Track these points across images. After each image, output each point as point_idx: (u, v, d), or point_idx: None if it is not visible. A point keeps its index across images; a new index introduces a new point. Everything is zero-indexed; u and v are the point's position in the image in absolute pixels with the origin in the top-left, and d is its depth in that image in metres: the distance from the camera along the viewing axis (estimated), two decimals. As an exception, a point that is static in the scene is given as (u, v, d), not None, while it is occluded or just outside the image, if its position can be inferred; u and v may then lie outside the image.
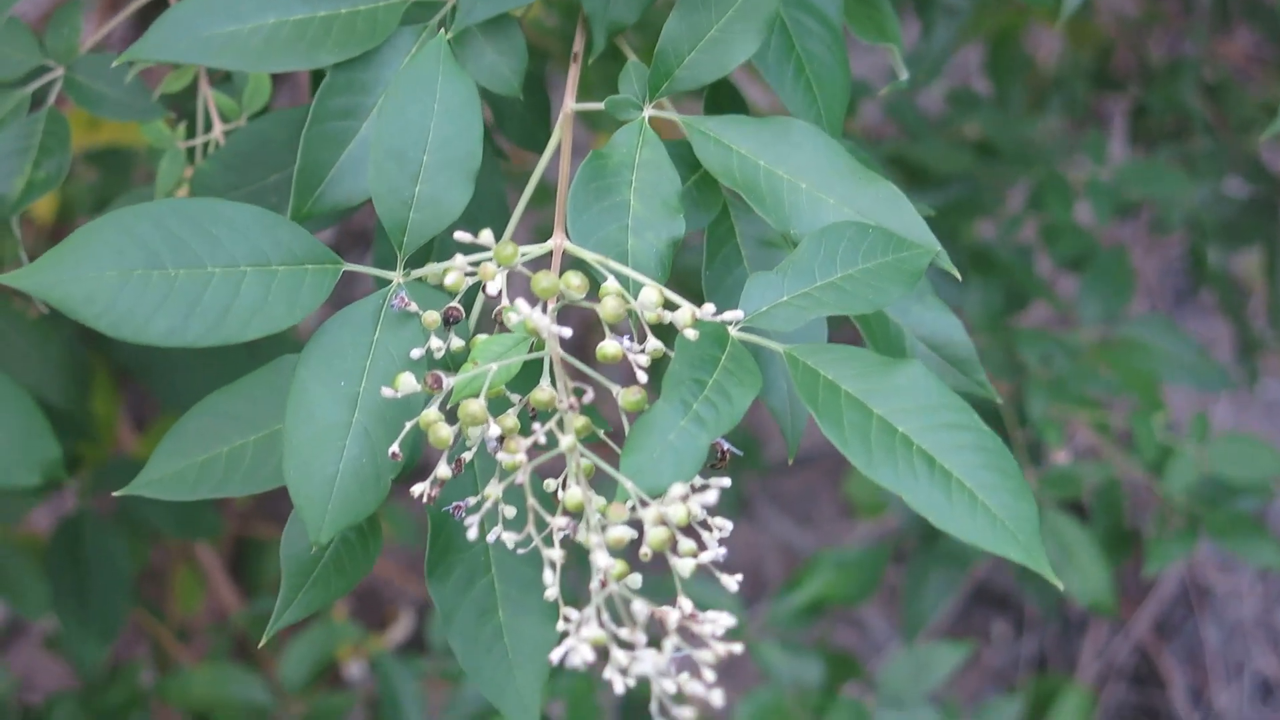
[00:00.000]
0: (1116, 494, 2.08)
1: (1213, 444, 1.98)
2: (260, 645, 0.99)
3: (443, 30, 1.02)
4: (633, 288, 0.93)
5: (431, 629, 2.20)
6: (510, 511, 0.90)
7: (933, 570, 2.13)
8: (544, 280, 0.87)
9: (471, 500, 0.90)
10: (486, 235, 0.89)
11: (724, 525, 0.86)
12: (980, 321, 2.09)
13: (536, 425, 0.85)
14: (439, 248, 1.04)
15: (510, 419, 0.86)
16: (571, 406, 0.85)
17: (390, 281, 0.94)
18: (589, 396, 0.87)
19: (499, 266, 0.90)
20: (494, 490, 0.87)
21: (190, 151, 1.24)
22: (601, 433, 0.90)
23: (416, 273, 0.94)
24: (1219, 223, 2.32)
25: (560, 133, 1.06)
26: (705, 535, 0.85)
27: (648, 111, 1.03)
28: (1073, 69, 2.44)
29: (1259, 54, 2.89)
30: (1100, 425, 2.08)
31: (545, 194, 1.17)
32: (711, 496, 0.82)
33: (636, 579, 0.83)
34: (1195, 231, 2.34)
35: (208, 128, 1.25)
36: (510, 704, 0.96)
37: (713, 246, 1.07)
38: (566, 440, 0.84)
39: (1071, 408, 2.04)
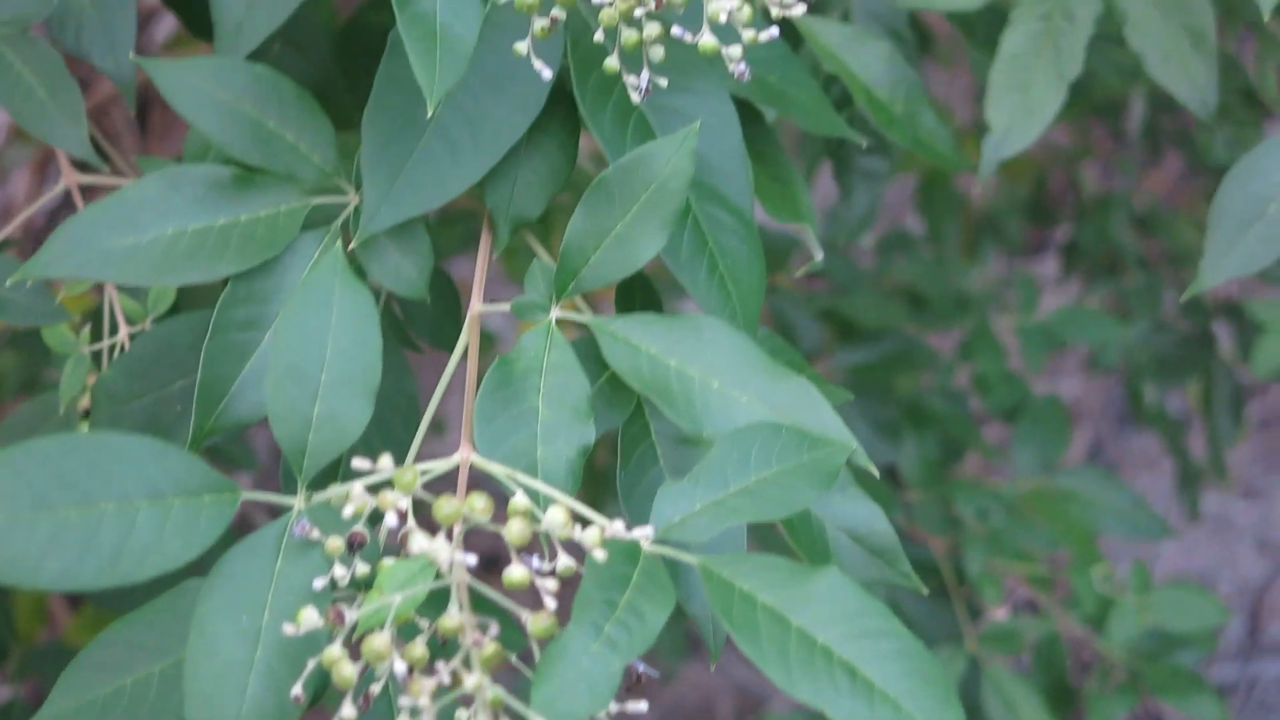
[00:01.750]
0: (1057, 649, 2.07)
1: (1154, 593, 1.98)
2: None
3: (340, 243, 1.00)
4: (543, 501, 0.91)
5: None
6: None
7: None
8: (446, 506, 0.85)
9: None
10: (385, 462, 0.87)
11: (643, 747, 0.84)
12: (916, 476, 2.09)
13: (440, 664, 0.83)
14: (345, 465, 1.01)
15: (419, 647, 0.84)
16: (476, 643, 0.83)
17: (291, 508, 0.92)
18: (494, 631, 0.84)
19: (400, 493, 0.87)
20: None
21: (95, 354, 1.22)
22: (513, 658, 0.88)
23: (319, 496, 0.92)
24: (1155, 359, 2.33)
25: (467, 334, 1.05)
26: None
27: (554, 313, 1.02)
28: (1007, 202, 2.46)
29: (1184, 182, 2.92)
30: (1039, 580, 2.07)
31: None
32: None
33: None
34: (1131, 369, 2.35)
35: (114, 330, 1.23)
36: None
37: (627, 446, 1.05)
38: (471, 680, 0.81)
39: (1009, 562, 2.03)
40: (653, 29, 0.99)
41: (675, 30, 0.99)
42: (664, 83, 1.02)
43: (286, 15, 1.23)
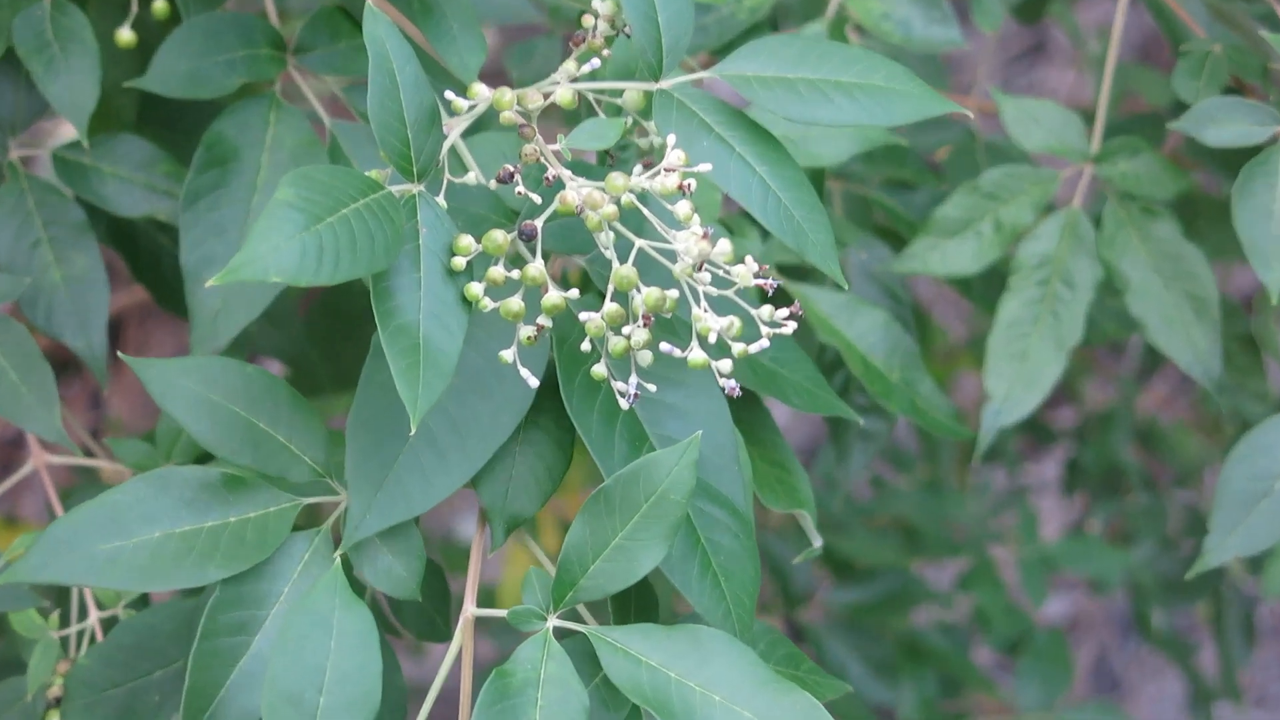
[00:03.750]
0: None
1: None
2: None
3: (339, 562, 1.04)
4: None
5: None
6: None
7: None
8: None
9: None
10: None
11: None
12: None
13: None
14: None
15: None
16: None
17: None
18: None
19: None
20: None
21: (64, 641, 1.25)
22: None
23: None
24: (1162, 581, 2.35)
25: (460, 638, 1.08)
26: None
27: (552, 622, 1.05)
28: (1005, 421, 2.48)
29: (1181, 392, 2.96)
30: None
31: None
32: None
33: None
34: (1137, 591, 2.37)
35: (83, 614, 1.25)
36: None
37: (627, 749, 1.08)
38: None
39: (1014, 811, 2.04)
40: (640, 336, 1.04)
41: (664, 346, 1.04)
42: (653, 388, 1.07)
43: (265, 305, 1.27)
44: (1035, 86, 3.14)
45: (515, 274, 1.05)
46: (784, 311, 1.03)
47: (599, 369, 1.07)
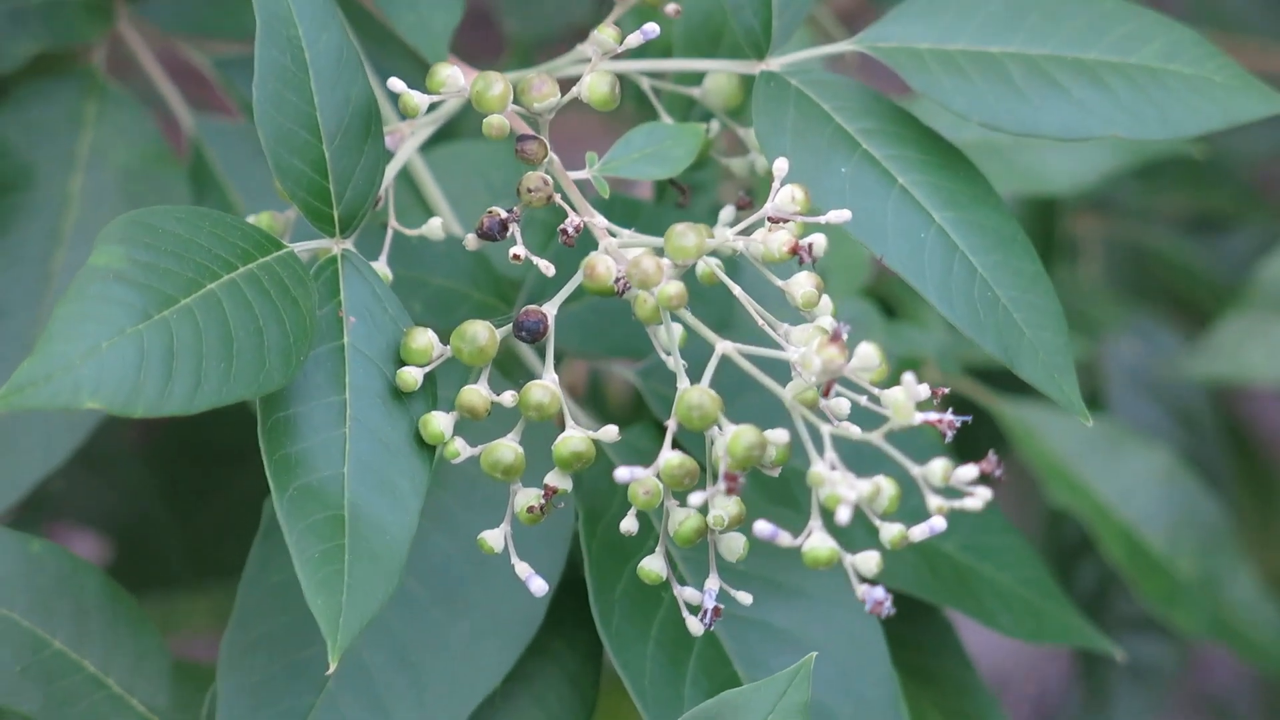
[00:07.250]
0: None
1: None
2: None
3: None
4: None
5: None
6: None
7: None
8: None
9: None
10: None
11: None
12: None
13: None
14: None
15: None
16: None
17: None
18: None
19: None
20: None
21: None
22: None
23: None
24: None
25: None
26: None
27: None
28: None
29: None
30: None
31: None
32: None
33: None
34: None
35: None
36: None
37: None
38: None
39: None
40: (725, 508, 1.04)
41: (762, 528, 1.02)
42: (746, 600, 1.09)
43: (74, 446, 1.30)
44: None
45: (509, 397, 1.06)
46: (970, 470, 1.01)
47: (653, 564, 1.08)
